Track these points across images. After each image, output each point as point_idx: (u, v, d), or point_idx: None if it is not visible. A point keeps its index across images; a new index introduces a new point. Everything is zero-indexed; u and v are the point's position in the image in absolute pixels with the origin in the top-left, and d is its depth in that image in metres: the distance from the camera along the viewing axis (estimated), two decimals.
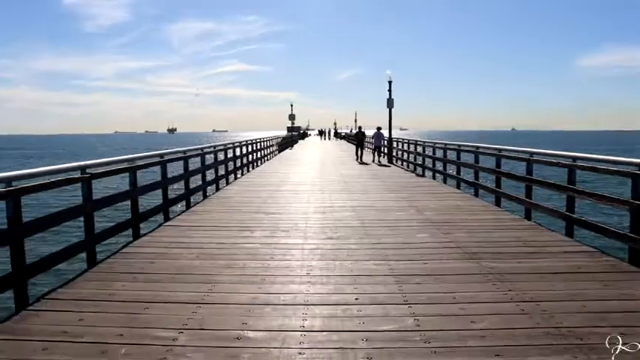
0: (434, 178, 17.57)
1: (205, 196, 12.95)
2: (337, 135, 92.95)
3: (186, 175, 11.38)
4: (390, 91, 25.29)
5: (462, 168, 14.75)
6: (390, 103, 25.43)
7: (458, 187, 14.65)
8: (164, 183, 9.80)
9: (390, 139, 26.06)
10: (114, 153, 74.75)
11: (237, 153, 18.93)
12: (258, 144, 25.24)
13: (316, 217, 9.89)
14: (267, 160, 28.71)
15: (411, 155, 22.40)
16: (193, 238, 8.00)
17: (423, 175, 18.67)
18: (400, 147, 25.38)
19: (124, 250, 7.23)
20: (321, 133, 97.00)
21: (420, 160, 20.16)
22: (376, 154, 27.06)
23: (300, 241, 7.85)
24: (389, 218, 9.73)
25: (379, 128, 27.18)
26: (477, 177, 13.08)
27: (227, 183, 16.02)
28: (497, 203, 11.38)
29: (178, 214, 10.29)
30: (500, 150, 11.55)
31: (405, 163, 23.77)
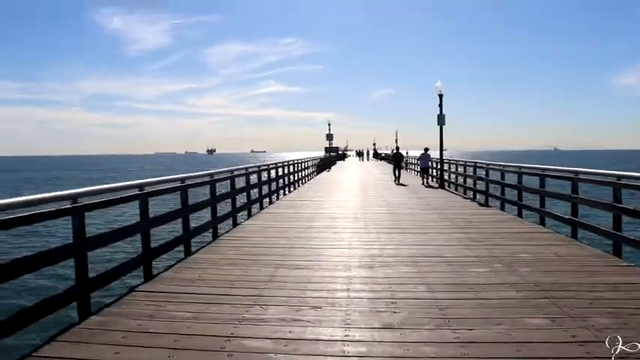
0: (502, 208, 14.25)
1: (216, 236, 10.02)
2: (377, 156, 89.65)
3: (184, 212, 8.43)
4: (440, 106, 22.08)
5: (546, 199, 11.41)
6: (440, 119, 22.16)
7: (542, 222, 11.33)
8: (145, 226, 6.89)
9: (442, 160, 22.77)
10: (152, 173, 73.54)
11: (264, 177, 16.01)
12: (292, 166, 22.31)
13: (362, 277, 6.81)
14: (303, 183, 25.76)
15: (468, 179, 19.11)
16: (165, 324, 5.00)
17: (487, 205, 15.36)
18: (454, 169, 22.04)
19: (51, 354, 4.29)
20: (359, 154, 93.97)
21: (481, 185, 16.86)
22: (424, 176, 25.14)
23: (339, 333, 4.75)
24: (469, 281, 6.55)
25: (426, 149, 25.18)
26: (575, 212, 9.73)
27: (249, 215, 13.07)
28: (617, 252, 8.05)
29: (167, 269, 7.34)
30: (619, 177, 8.24)
31: (459, 188, 20.47)
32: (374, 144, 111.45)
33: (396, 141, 73.40)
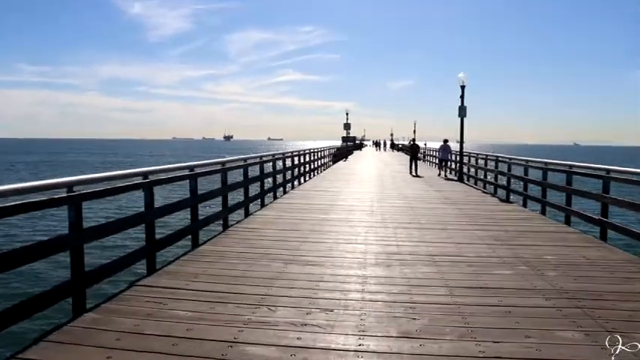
0: (525, 205, 13.68)
1: (226, 226, 9.66)
2: (394, 146, 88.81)
3: (193, 201, 8.06)
4: (462, 97, 21.46)
5: (573, 196, 10.84)
6: (462, 111, 21.54)
7: (567, 221, 10.79)
8: (149, 216, 6.51)
9: (461, 153, 22.17)
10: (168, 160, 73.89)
11: (279, 166, 15.59)
12: (307, 155, 21.88)
13: (378, 277, 6.38)
14: (319, 173, 25.34)
15: (488, 173, 18.56)
16: (164, 324, 4.62)
17: (508, 201, 14.82)
18: (474, 163, 21.47)
19: (36, 357, 3.93)
20: (376, 144, 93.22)
21: (502, 180, 16.29)
22: (443, 168, 25.03)
23: (352, 342, 4.31)
24: (493, 284, 6.08)
25: (446, 141, 25.01)
26: (605, 212, 9.17)
27: (262, 205, 12.69)
28: None
29: (172, 262, 6.96)
30: None
31: (478, 182, 19.95)
32: (391, 134, 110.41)
33: (414, 132, 72.51)
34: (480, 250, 8.00)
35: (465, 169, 22.12)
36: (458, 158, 23.18)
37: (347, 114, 45.82)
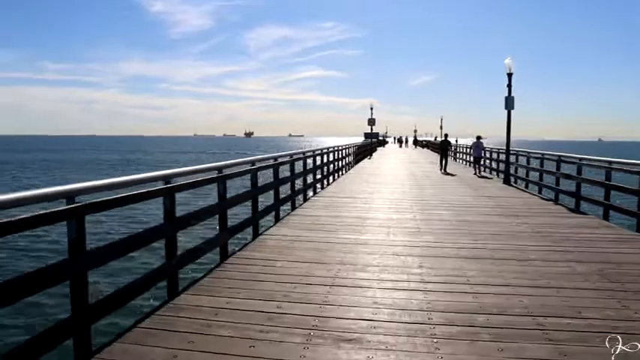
0: (606, 218, 10.87)
1: (225, 256, 7.02)
2: (417, 143, 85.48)
3: (172, 227, 5.40)
4: (509, 86, 18.51)
5: None
6: (509, 102, 18.58)
7: None
8: (76, 266, 3.89)
9: (508, 151, 19.21)
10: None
11: (299, 169, 12.92)
12: (331, 154, 19.14)
13: None
14: (342, 174, 22.59)
15: (545, 175, 15.67)
16: None
17: (578, 211, 11.99)
18: (524, 163, 18.60)
19: None
20: (399, 140, 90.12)
21: (567, 185, 13.44)
22: (477, 166, 23.59)
23: None
24: None
25: (479, 137, 24.03)
26: None
27: (277, 220, 10.03)
28: None
29: (123, 333, 4.32)
30: None
31: (530, 185, 17.19)
32: (415, 130, 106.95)
33: (441, 127, 69.40)
34: (600, 302, 5.26)
35: (511, 170, 19.28)
36: (501, 157, 20.43)
37: (371, 108, 43.01)
